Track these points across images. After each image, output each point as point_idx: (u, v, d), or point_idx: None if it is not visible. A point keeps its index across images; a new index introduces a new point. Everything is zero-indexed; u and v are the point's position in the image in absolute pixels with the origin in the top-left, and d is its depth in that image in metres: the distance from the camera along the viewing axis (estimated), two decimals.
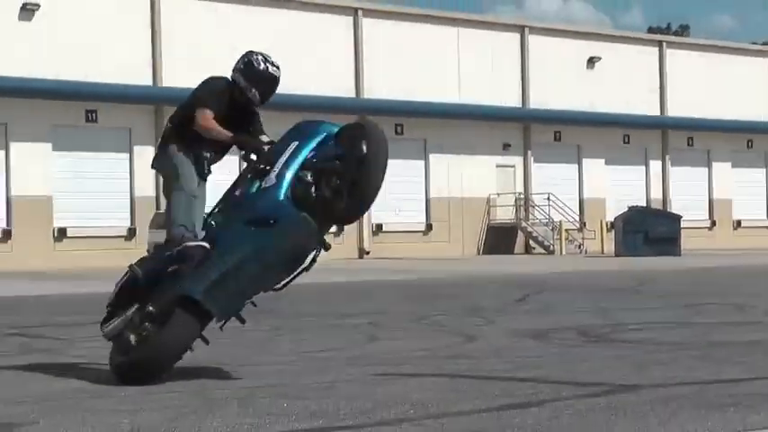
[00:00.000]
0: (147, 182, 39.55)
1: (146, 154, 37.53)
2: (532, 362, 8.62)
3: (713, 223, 55.23)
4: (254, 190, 7.77)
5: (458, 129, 47.95)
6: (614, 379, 7.36)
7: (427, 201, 48.30)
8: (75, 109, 39.21)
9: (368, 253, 45.58)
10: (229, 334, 11.85)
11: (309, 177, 7.63)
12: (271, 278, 7.85)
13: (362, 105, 46.28)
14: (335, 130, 7.96)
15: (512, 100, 50.04)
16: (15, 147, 38.39)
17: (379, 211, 46.33)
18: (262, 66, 8.13)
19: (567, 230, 48.58)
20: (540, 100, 50.30)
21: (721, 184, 56.15)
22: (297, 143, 7.81)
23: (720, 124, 54.44)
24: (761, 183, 57.92)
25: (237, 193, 7.95)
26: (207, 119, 7.96)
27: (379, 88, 46.14)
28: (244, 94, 8.10)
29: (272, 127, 8.61)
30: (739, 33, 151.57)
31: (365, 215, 45.92)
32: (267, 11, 44.28)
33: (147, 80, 40.84)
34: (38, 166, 38.38)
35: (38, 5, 38.58)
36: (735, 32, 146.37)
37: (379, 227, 46.67)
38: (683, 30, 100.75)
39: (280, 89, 8.60)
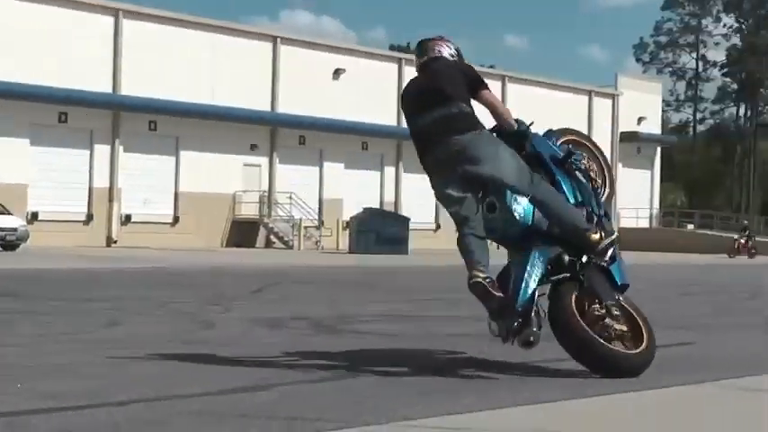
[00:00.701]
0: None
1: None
2: (265, 348, 8.56)
3: (438, 226, 56.66)
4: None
5: (209, 128, 47.59)
6: (339, 366, 7.38)
7: (176, 194, 47.71)
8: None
9: (116, 242, 44.67)
10: None
11: None
12: None
13: (120, 101, 45.39)
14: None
15: (261, 104, 50.00)
16: None
17: (127, 202, 45.60)
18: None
19: (306, 228, 48.87)
20: (288, 106, 50.46)
21: None
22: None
23: None
24: None
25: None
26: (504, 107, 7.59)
27: (136, 86, 45.29)
28: None
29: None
30: (471, 56, 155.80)
31: (115, 206, 45.06)
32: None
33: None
34: None
35: None
36: (467, 55, 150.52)
37: (128, 217, 45.82)
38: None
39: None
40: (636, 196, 67.36)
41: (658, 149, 71.96)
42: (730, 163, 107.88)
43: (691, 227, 71.48)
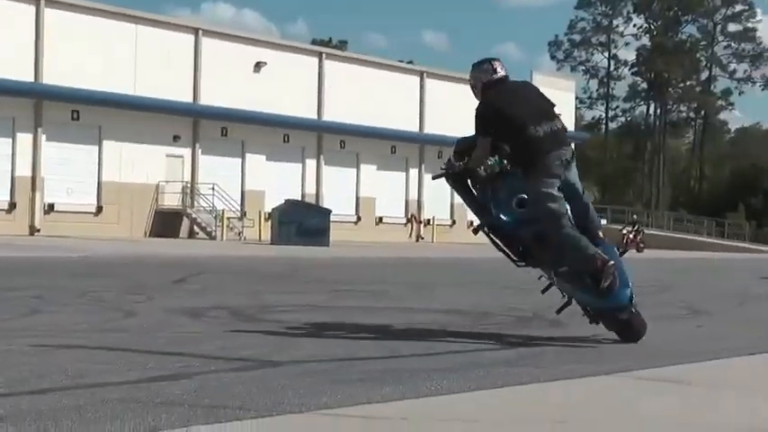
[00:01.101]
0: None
1: None
2: (186, 338, 8.54)
3: (359, 218, 56.77)
4: None
5: (132, 119, 47.11)
6: (260, 355, 7.39)
7: (99, 184, 47.17)
8: None
9: (39, 231, 44.06)
10: None
11: None
12: None
13: (41, 90, 44.78)
14: None
15: (184, 95, 49.60)
16: None
17: (51, 191, 44.98)
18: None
19: (228, 218, 48.62)
20: (210, 97, 50.12)
21: (367, 184, 57.81)
22: None
23: (370, 131, 56.03)
24: (401, 185, 60.01)
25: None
26: None
27: (58, 75, 44.68)
28: None
29: None
30: (390, 51, 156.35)
31: (38, 195, 44.43)
32: None
33: None
34: None
35: None
36: (386, 50, 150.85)
37: (51, 206, 45.22)
38: (342, 44, 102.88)
39: None
40: None
41: (572, 146, 72.68)
42: (641, 159, 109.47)
43: (604, 222, 71.92)
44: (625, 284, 8.46)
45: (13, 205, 44.35)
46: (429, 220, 59.28)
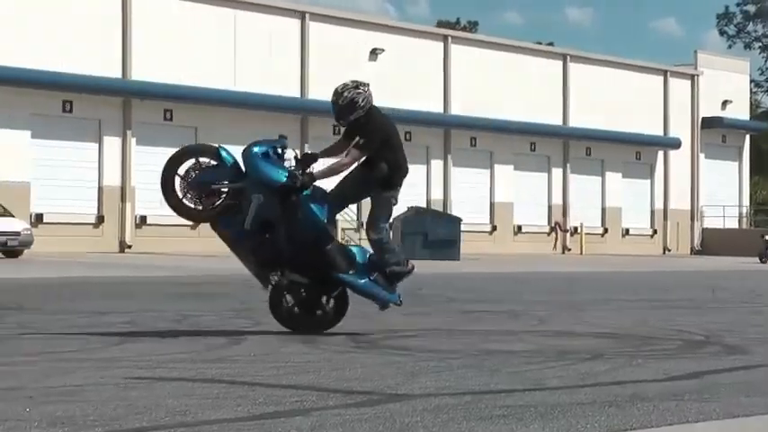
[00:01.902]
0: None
1: None
2: (300, 367, 8.62)
3: (494, 227, 56.48)
4: None
5: (231, 117, 47.71)
6: (384, 387, 7.42)
7: None
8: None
9: (130, 246, 44.92)
10: None
11: None
12: None
13: (129, 88, 45.69)
14: None
15: (290, 90, 50.02)
16: None
17: (143, 202, 45.75)
18: None
19: (343, 230, 48.89)
20: (320, 92, 50.46)
21: (503, 187, 57.36)
22: None
23: (504, 125, 55.63)
24: (543, 188, 59.43)
25: None
26: None
27: (148, 70, 45.50)
28: None
29: None
30: (527, 32, 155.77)
31: (128, 207, 45.33)
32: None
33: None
34: None
35: None
36: (522, 31, 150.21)
37: (143, 219, 46.02)
38: (472, 25, 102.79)
39: None
40: (722, 192, 66.49)
41: (747, 138, 70.75)
42: None
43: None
44: None
45: (100, 218, 45.29)
46: (576, 228, 58.61)
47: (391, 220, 46.10)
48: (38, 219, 42.32)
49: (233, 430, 5.78)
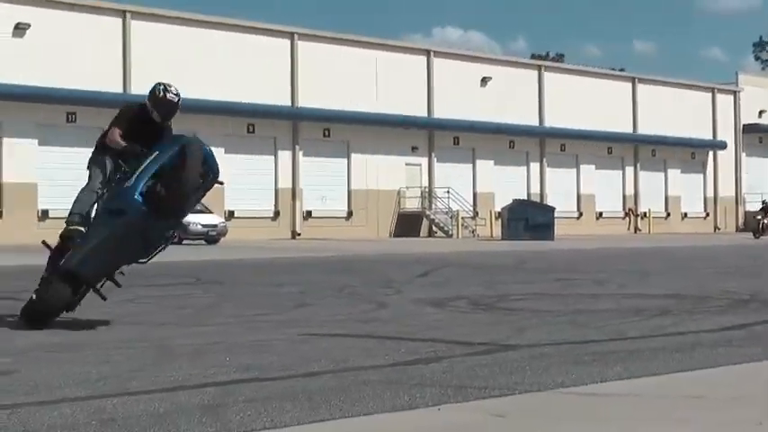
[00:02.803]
0: None
1: None
2: (432, 325, 8.62)
3: (580, 214, 55.91)
4: (119, 187, 8.44)
5: (375, 133, 47.99)
6: (498, 340, 7.39)
7: (349, 192, 48.26)
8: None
9: (299, 234, 45.43)
10: (181, 300, 11.74)
11: (155, 181, 8.33)
12: (128, 253, 8.47)
13: (297, 113, 46.18)
14: (185, 143, 8.62)
15: (419, 110, 50.14)
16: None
17: (308, 199, 46.34)
18: (161, 94, 8.69)
19: (462, 218, 48.81)
20: (443, 111, 50.47)
21: (587, 182, 56.94)
22: (158, 153, 8.44)
23: (587, 134, 55.20)
24: (618, 182, 58.77)
25: (107, 189, 8.60)
26: (113, 134, 8.62)
27: (311, 97, 45.98)
28: (148, 115, 8.72)
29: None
30: (603, 60, 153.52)
31: (297, 204, 45.87)
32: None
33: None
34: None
35: (28, 25, 38.31)
36: (600, 60, 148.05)
37: (309, 213, 46.56)
38: (560, 57, 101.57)
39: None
40: (760, 182, 65.28)
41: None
42: None
43: None
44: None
45: (277, 213, 45.93)
46: (645, 213, 57.78)
47: (499, 210, 45.83)
48: (230, 214, 43.06)
49: (383, 374, 5.80)
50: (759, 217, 47.20)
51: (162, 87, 8.70)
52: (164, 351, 6.92)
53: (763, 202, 49.27)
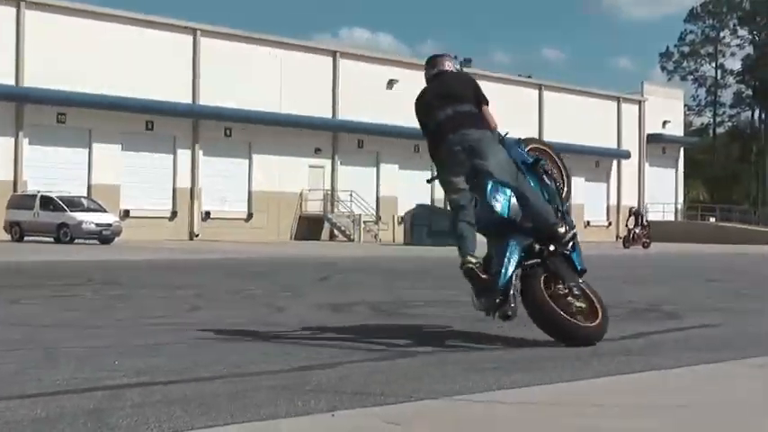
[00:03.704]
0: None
1: None
2: (331, 329, 8.60)
3: None
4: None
5: (278, 134, 47.84)
6: (397, 346, 7.40)
7: (249, 193, 48.00)
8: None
9: (197, 236, 45.03)
10: (70, 302, 11.51)
11: None
12: None
13: (199, 111, 45.77)
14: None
15: (324, 112, 50.12)
16: None
17: (207, 200, 45.94)
18: None
19: (365, 222, 48.93)
20: (348, 113, 50.55)
21: None
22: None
23: None
24: None
25: None
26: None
27: (213, 96, 45.62)
28: None
29: None
30: (511, 67, 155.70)
31: (196, 204, 45.42)
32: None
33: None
34: None
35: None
36: (508, 66, 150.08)
37: (208, 214, 46.18)
38: (467, 62, 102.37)
39: None
40: (662, 192, 66.90)
41: (681, 150, 71.23)
42: (747, 161, 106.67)
43: (713, 220, 70.47)
44: (503, 281, 7.42)
45: (174, 213, 45.41)
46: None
47: (402, 215, 46.04)
48: (125, 213, 42.43)
49: (278, 379, 5.76)
50: (630, 226, 45.53)
51: None
52: (49, 354, 6.76)
53: (632, 211, 47.94)
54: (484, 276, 7.32)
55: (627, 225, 46.43)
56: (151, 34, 44.34)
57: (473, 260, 7.31)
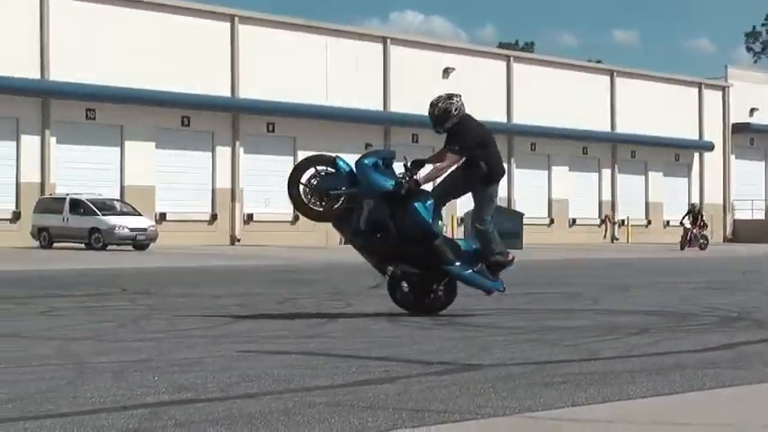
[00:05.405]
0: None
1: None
2: (386, 341, 8.63)
3: (551, 221, 56.21)
4: None
5: (324, 128, 47.93)
6: (460, 358, 7.40)
7: None
8: None
9: (239, 240, 45.28)
10: (104, 313, 11.65)
11: None
12: None
13: (239, 104, 46.03)
14: None
15: (374, 104, 50.16)
16: None
17: (249, 201, 46.15)
18: None
19: None
20: (400, 105, 50.56)
21: (559, 186, 57.15)
22: None
23: (560, 132, 55.44)
24: (594, 186, 59.13)
25: None
26: None
27: (254, 89, 45.84)
28: None
29: None
30: (579, 51, 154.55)
31: (237, 206, 45.70)
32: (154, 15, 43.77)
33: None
34: None
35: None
36: (575, 50, 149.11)
37: (250, 216, 46.41)
38: (529, 46, 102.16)
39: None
40: (750, 188, 65.91)
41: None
42: None
43: None
44: None
45: (214, 216, 45.71)
46: (623, 221, 58.20)
47: (462, 215, 45.85)
48: (161, 217, 42.80)
49: (330, 395, 5.79)
50: (687, 225, 44.23)
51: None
52: (83, 369, 6.86)
53: (692, 207, 46.50)
54: None
55: (682, 224, 45.05)
56: (186, 21, 44.69)
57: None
